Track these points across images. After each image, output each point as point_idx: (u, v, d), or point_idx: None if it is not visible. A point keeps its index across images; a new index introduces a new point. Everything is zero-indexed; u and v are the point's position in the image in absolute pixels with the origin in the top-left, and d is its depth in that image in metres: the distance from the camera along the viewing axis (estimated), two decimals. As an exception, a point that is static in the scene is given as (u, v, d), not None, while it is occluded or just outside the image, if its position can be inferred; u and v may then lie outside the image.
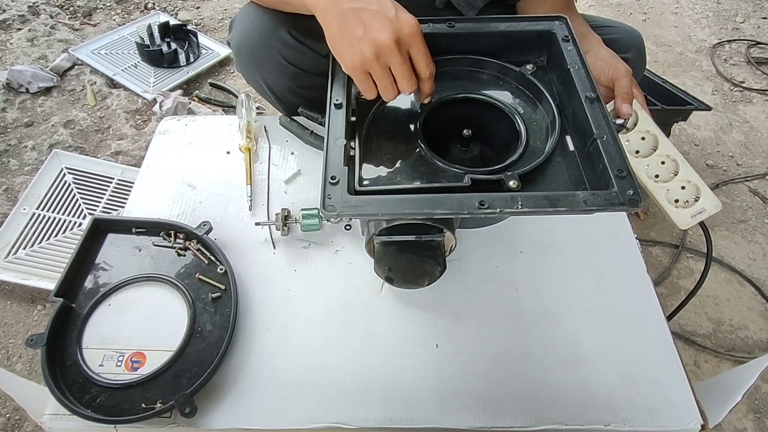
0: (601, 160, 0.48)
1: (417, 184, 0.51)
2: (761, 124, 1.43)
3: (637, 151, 0.61)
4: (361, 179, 0.51)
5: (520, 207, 0.45)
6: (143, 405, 0.53)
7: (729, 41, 1.71)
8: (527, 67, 0.60)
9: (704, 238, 0.64)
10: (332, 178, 0.47)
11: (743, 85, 1.55)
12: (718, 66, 1.61)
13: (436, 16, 0.61)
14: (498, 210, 0.44)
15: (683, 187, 0.59)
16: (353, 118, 0.56)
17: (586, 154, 0.51)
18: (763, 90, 1.53)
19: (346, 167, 0.48)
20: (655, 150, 0.60)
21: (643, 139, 0.61)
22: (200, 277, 0.63)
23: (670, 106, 1.17)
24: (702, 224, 0.60)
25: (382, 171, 0.53)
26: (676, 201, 0.59)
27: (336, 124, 0.51)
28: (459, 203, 0.45)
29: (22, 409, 0.82)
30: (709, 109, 1.19)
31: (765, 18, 1.82)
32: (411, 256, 0.55)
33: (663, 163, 0.60)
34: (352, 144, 0.52)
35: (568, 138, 0.55)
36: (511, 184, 0.49)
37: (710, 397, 0.55)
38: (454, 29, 0.60)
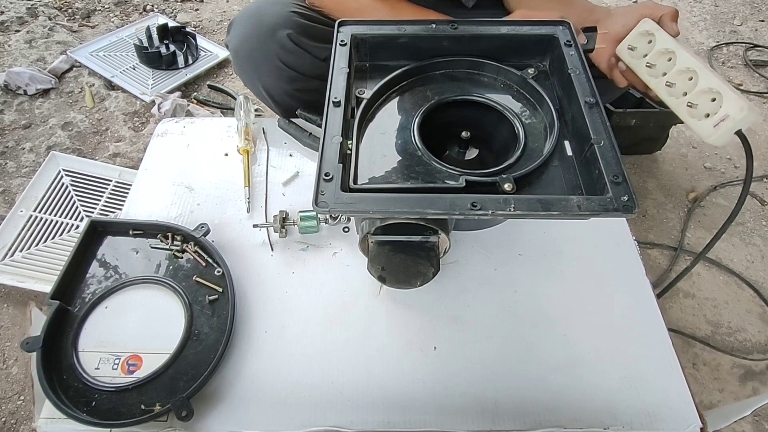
0: (598, 165, 0.48)
1: (412, 184, 0.51)
2: (759, 127, 1.43)
3: (653, 65, 0.60)
4: (356, 177, 0.51)
5: (512, 210, 0.45)
6: (140, 408, 0.52)
7: (727, 44, 1.72)
8: (528, 71, 0.61)
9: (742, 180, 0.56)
10: (326, 174, 0.47)
11: (741, 87, 1.55)
12: (716, 69, 1.61)
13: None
14: (490, 212, 0.44)
15: (708, 99, 0.55)
16: (352, 118, 0.56)
17: (583, 159, 0.51)
18: (760, 93, 1.53)
19: (341, 164, 0.48)
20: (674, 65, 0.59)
21: (669, 60, 0.59)
22: (197, 279, 0.62)
23: (668, 108, 1.17)
24: (740, 135, 0.54)
25: (379, 170, 0.53)
26: (703, 114, 0.56)
27: (333, 122, 0.51)
28: (451, 204, 0.45)
29: (22, 408, 0.82)
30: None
31: (762, 21, 1.83)
32: (405, 257, 0.55)
33: (685, 77, 0.57)
34: (350, 142, 0.52)
35: (567, 143, 0.55)
36: (506, 186, 0.49)
37: (718, 412, 0.55)
38: (457, 31, 0.61)
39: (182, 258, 0.65)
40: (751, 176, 0.56)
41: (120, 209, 0.99)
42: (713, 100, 0.55)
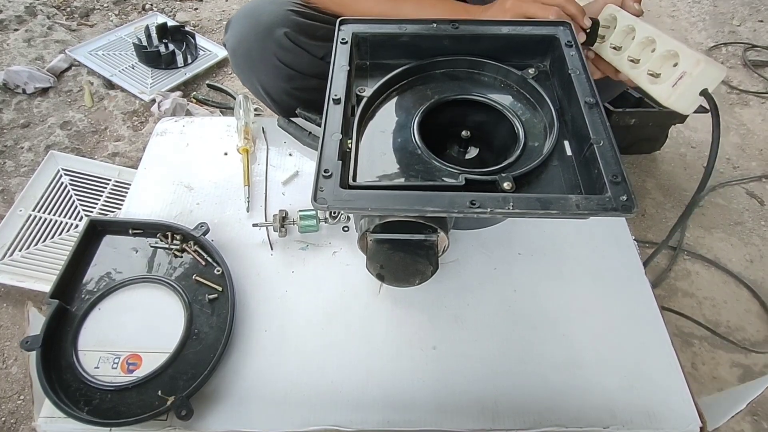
0: (597, 165, 0.48)
1: (412, 182, 0.51)
2: (757, 127, 1.43)
3: (619, 48, 0.61)
4: (356, 175, 0.51)
5: (511, 208, 0.45)
6: (139, 407, 0.52)
7: (725, 44, 1.72)
8: (529, 71, 0.61)
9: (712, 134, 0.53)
10: (325, 171, 0.47)
11: (740, 87, 1.55)
12: (715, 69, 1.62)
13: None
14: (488, 210, 0.44)
15: (670, 65, 0.54)
16: (352, 116, 0.56)
17: (583, 158, 0.51)
18: (759, 93, 1.53)
19: (340, 161, 0.48)
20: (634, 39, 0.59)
21: (633, 39, 0.60)
22: (197, 278, 0.62)
23: (667, 108, 1.17)
24: (706, 95, 0.52)
25: (378, 168, 0.53)
26: (660, 77, 0.55)
27: (333, 119, 0.51)
28: (450, 201, 0.45)
29: (22, 408, 0.82)
30: (706, 111, 1.18)
31: (761, 21, 1.83)
32: (403, 255, 0.55)
33: (648, 49, 0.57)
34: (349, 140, 0.52)
35: (566, 142, 0.55)
36: (505, 185, 0.49)
37: (713, 403, 0.55)
38: (458, 31, 0.61)
39: (182, 257, 0.65)
40: (718, 138, 0.53)
41: (119, 208, 0.99)
42: (676, 65, 0.54)
